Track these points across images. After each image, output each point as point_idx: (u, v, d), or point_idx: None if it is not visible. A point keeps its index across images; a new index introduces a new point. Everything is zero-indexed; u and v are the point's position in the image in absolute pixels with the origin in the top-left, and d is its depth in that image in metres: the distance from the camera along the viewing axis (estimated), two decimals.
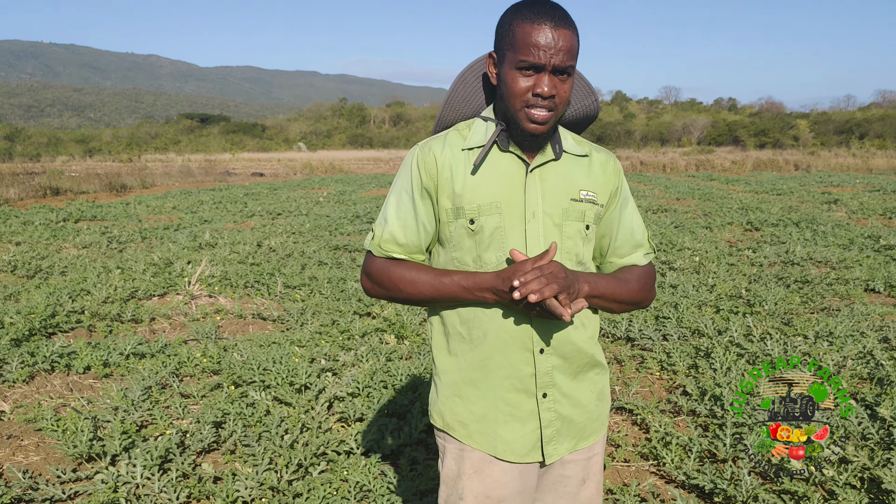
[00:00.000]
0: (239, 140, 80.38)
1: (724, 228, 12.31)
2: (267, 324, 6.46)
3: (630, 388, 4.62)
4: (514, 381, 1.78)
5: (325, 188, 23.80)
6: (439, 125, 1.94)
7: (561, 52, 1.60)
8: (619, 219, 1.89)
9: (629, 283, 1.85)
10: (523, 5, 1.65)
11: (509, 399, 1.79)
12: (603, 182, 1.84)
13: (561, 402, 1.82)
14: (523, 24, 1.61)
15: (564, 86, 1.65)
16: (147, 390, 4.59)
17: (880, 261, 8.77)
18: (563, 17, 1.62)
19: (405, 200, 1.78)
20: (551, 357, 1.78)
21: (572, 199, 1.78)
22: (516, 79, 1.64)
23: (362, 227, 12.72)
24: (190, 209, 16.37)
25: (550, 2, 1.64)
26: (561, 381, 1.81)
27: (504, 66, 1.66)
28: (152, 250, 9.95)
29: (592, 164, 1.84)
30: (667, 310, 6.33)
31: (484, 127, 1.79)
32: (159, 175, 28.96)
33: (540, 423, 1.81)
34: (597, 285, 1.75)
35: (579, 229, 1.79)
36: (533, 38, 1.59)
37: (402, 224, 1.78)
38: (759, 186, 21.83)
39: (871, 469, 3.28)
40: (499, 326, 1.75)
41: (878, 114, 70.26)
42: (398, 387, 4.59)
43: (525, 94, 1.64)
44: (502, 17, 1.69)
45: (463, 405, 1.82)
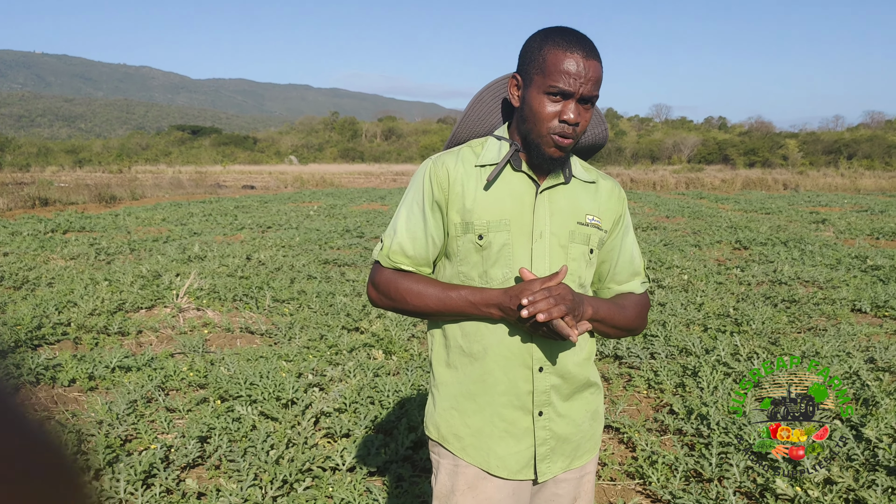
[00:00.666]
0: (230, 152, 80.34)
1: (713, 247, 12.37)
2: (255, 338, 6.44)
3: (617, 406, 4.63)
4: (512, 397, 1.79)
5: (315, 202, 23.79)
6: (452, 141, 1.97)
7: (590, 81, 1.64)
8: (620, 246, 1.93)
9: (626, 309, 1.89)
10: (554, 32, 1.68)
11: (505, 415, 1.80)
12: (608, 209, 1.88)
13: (556, 421, 1.83)
14: (556, 50, 1.64)
15: (587, 114, 1.69)
16: (132, 404, 4.56)
17: (867, 281, 8.82)
18: (592, 48, 1.66)
19: (416, 212, 1.80)
20: (550, 376, 1.79)
21: (579, 222, 1.81)
22: (544, 103, 1.66)
23: (352, 242, 12.71)
24: (180, 221, 16.33)
25: (580, 32, 1.69)
26: (557, 399, 1.82)
27: (531, 90, 1.69)
28: (141, 262, 9.92)
29: (599, 190, 1.88)
30: (655, 328, 6.35)
31: (497, 146, 1.82)
32: (149, 186, 28.88)
33: (534, 441, 1.82)
34: (598, 309, 1.78)
35: (584, 252, 1.82)
36: (564, 66, 1.63)
37: (412, 236, 1.80)
38: (748, 205, 21.95)
39: (857, 490, 3.29)
40: (500, 342, 1.76)
41: (867, 134, 70.87)
42: (385, 403, 4.57)
43: (552, 120, 1.67)
44: (530, 42, 1.72)
45: (460, 418, 1.83)
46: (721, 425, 4.13)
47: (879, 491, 3.22)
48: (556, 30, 1.69)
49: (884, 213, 18.76)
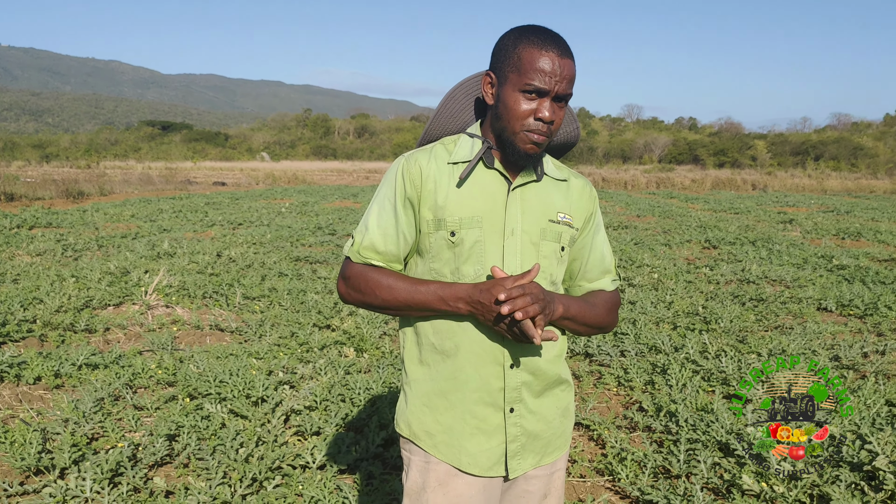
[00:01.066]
0: (201, 148, 79.48)
1: (682, 246, 12.49)
2: (225, 335, 6.39)
3: (587, 403, 4.66)
4: (484, 394, 1.79)
5: (287, 199, 23.64)
6: (425, 138, 1.97)
7: (565, 80, 1.65)
8: (591, 244, 1.94)
9: (597, 307, 1.91)
10: (529, 30, 1.68)
11: (477, 412, 1.80)
12: (579, 207, 1.89)
13: (527, 418, 1.84)
14: (531, 48, 1.65)
15: (561, 112, 1.70)
16: (99, 402, 4.50)
17: (832, 280, 8.96)
18: (566, 47, 1.68)
19: (387, 209, 1.80)
20: (521, 373, 1.80)
21: (550, 220, 1.82)
22: (519, 101, 1.67)
23: (324, 239, 12.65)
24: (149, 217, 16.15)
25: (554, 31, 1.69)
26: (528, 396, 1.83)
27: (506, 88, 1.69)
28: (109, 259, 9.80)
29: (570, 188, 1.89)
30: (625, 326, 6.40)
31: (470, 143, 1.82)
32: (118, 182, 28.53)
33: (505, 438, 1.82)
34: (569, 308, 1.80)
35: (555, 250, 1.83)
36: (540, 64, 1.63)
37: (383, 232, 1.80)
38: (717, 205, 22.20)
39: (821, 486, 3.34)
40: (472, 339, 1.77)
41: (833, 136, 71.94)
42: (356, 400, 4.56)
43: (527, 118, 1.67)
44: (504, 40, 1.72)
45: (431, 415, 1.83)
46: (689, 422, 4.17)
47: (843, 486, 3.27)
48: (530, 28, 1.69)
49: (849, 214, 19.08)
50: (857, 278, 9.04)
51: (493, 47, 1.75)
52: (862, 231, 14.39)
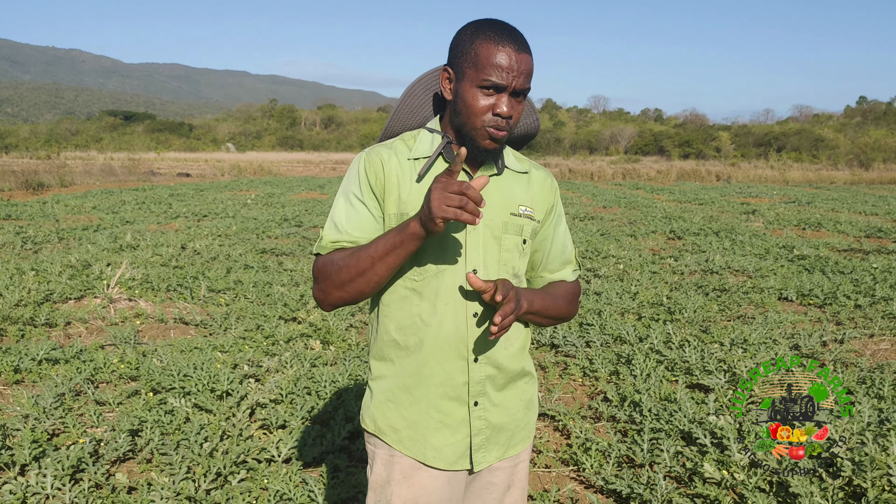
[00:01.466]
0: (165, 139, 78.39)
1: (648, 237, 12.61)
2: (189, 328, 6.32)
3: (553, 394, 4.69)
4: (448, 388, 1.80)
5: (253, 190, 23.44)
6: (385, 134, 1.95)
7: (522, 75, 1.65)
8: (552, 235, 1.95)
9: (559, 299, 1.93)
10: (485, 25, 1.68)
11: (441, 406, 1.81)
12: (541, 199, 1.90)
13: (491, 411, 1.85)
14: (488, 44, 1.64)
15: (520, 107, 1.70)
16: (60, 397, 4.43)
17: (793, 270, 9.11)
18: (524, 41, 1.67)
19: (354, 203, 1.77)
20: (485, 366, 1.81)
21: (512, 213, 1.82)
22: (477, 97, 1.66)
23: (290, 231, 12.56)
24: (111, 209, 15.91)
25: (511, 25, 1.69)
26: (492, 390, 1.84)
27: (463, 84, 1.69)
28: (70, 251, 9.63)
29: (531, 181, 1.90)
30: (591, 317, 6.45)
31: (430, 138, 1.81)
32: (79, 173, 28.02)
33: (470, 431, 1.83)
34: (533, 302, 1.81)
35: (517, 243, 1.83)
36: (497, 60, 1.63)
37: (351, 224, 1.76)
38: (682, 196, 22.45)
39: (780, 473, 3.40)
40: (435, 334, 1.76)
41: (795, 128, 73.03)
42: (322, 393, 4.54)
43: (485, 113, 1.67)
44: (461, 35, 1.71)
45: (396, 410, 1.83)
46: (653, 412, 4.22)
47: (802, 473, 3.34)
48: (486, 22, 1.69)
49: (810, 205, 19.41)
50: (817, 268, 9.20)
51: (451, 42, 1.74)
52: (822, 221, 14.64)
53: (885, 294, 7.41)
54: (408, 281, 1.77)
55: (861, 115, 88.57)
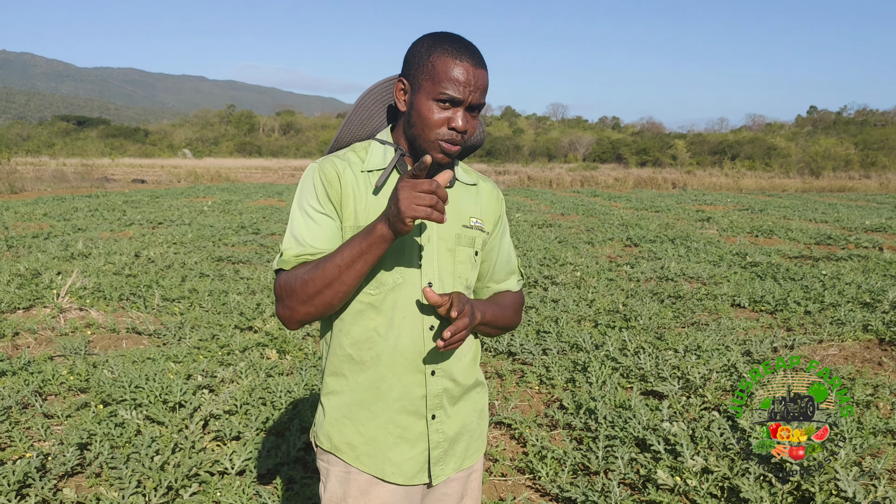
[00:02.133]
0: (119, 145, 76.97)
1: (605, 244, 12.74)
2: (142, 338, 6.21)
3: (509, 402, 4.70)
4: (406, 402, 1.79)
5: (210, 197, 23.14)
6: (335, 145, 1.93)
7: (479, 90, 1.66)
8: (499, 246, 1.97)
9: (507, 309, 1.95)
10: (443, 38, 1.67)
11: (400, 421, 1.80)
12: (489, 210, 1.91)
13: (447, 423, 1.85)
14: (445, 57, 1.64)
15: (474, 122, 1.71)
16: (6, 410, 4.32)
17: (746, 277, 9.28)
18: (480, 56, 1.68)
19: (312, 215, 1.72)
20: (442, 379, 1.81)
21: (464, 225, 1.82)
22: (433, 110, 1.66)
23: (248, 238, 12.43)
24: (63, 216, 15.58)
25: (467, 40, 1.69)
26: (448, 402, 1.85)
27: (419, 96, 1.67)
28: (19, 260, 9.40)
29: (480, 192, 1.91)
30: (547, 324, 6.49)
31: (382, 150, 1.79)
32: (30, 180, 27.40)
33: (429, 445, 1.83)
34: (485, 314, 1.82)
35: (470, 255, 1.84)
36: (454, 74, 1.63)
37: (312, 237, 1.71)
38: (639, 203, 22.73)
39: (731, 478, 3.45)
40: (392, 348, 1.75)
41: (749, 136, 74.39)
42: (277, 404, 4.50)
43: (440, 127, 1.67)
44: (418, 47, 1.69)
45: (353, 426, 1.81)
46: (608, 419, 4.25)
47: (752, 479, 3.39)
48: (443, 36, 1.69)
49: (763, 212, 19.78)
50: (768, 275, 9.38)
51: (406, 53, 1.73)
52: (774, 229, 14.94)
53: (834, 300, 7.57)
54: (364, 295, 1.75)
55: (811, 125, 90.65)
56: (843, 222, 16.57)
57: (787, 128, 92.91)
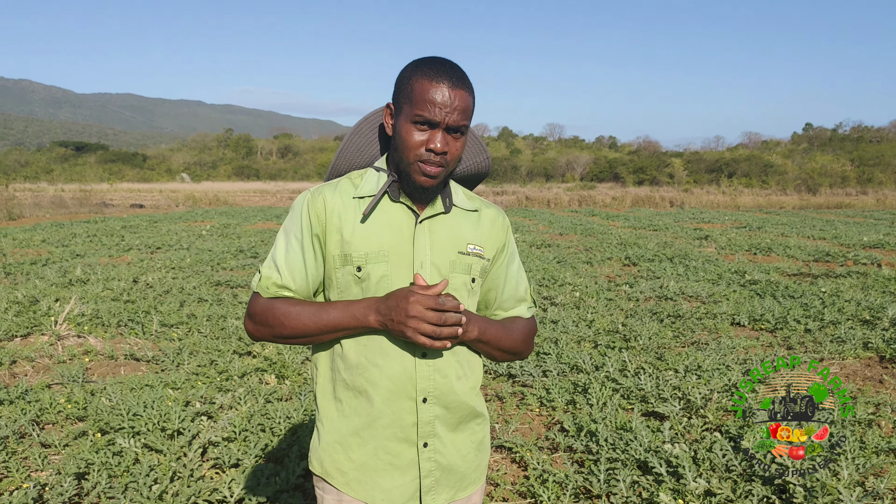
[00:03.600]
0: (117, 170, 77.14)
1: (603, 263, 12.73)
2: (140, 365, 6.19)
3: (510, 425, 4.67)
4: (396, 429, 1.78)
5: (208, 221, 23.17)
6: (332, 173, 1.95)
7: (456, 111, 1.66)
8: (505, 274, 1.95)
9: (514, 332, 1.92)
10: (424, 62, 1.70)
11: (390, 448, 1.79)
12: (491, 237, 1.90)
13: (441, 452, 1.83)
14: (422, 80, 1.66)
15: (457, 143, 1.71)
16: (3, 440, 4.28)
17: (745, 295, 9.27)
18: (461, 77, 1.69)
19: (294, 245, 1.77)
20: (434, 407, 1.79)
21: (460, 251, 1.82)
22: (411, 132, 1.68)
23: (246, 262, 12.43)
24: (61, 242, 15.57)
25: (450, 62, 1.71)
26: (442, 430, 1.82)
27: (400, 119, 1.71)
28: (16, 287, 9.38)
29: (482, 219, 1.90)
30: (547, 345, 6.47)
31: (376, 177, 1.81)
32: (28, 206, 27.44)
33: (419, 473, 1.81)
34: (486, 331, 1.81)
35: (465, 282, 1.83)
36: (430, 95, 1.65)
37: (290, 268, 1.77)
38: (637, 222, 22.76)
39: (734, 501, 3.42)
40: (383, 374, 1.75)
41: (745, 154, 74.65)
42: (276, 430, 4.47)
43: (419, 148, 1.68)
44: (402, 72, 1.73)
45: (343, 453, 1.81)
46: (609, 441, 4.23)
47: (755, 501, 3.36)
48: (426, 60, 1.71)
49: (761, 230, 19.82)
50: (768, 293, 9.37)
51: (396, 79, 1.76)
52: (772, 246, 14.95)
53: (834, 318, 7.56)
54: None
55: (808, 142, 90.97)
56: (841, 239, 16.58)
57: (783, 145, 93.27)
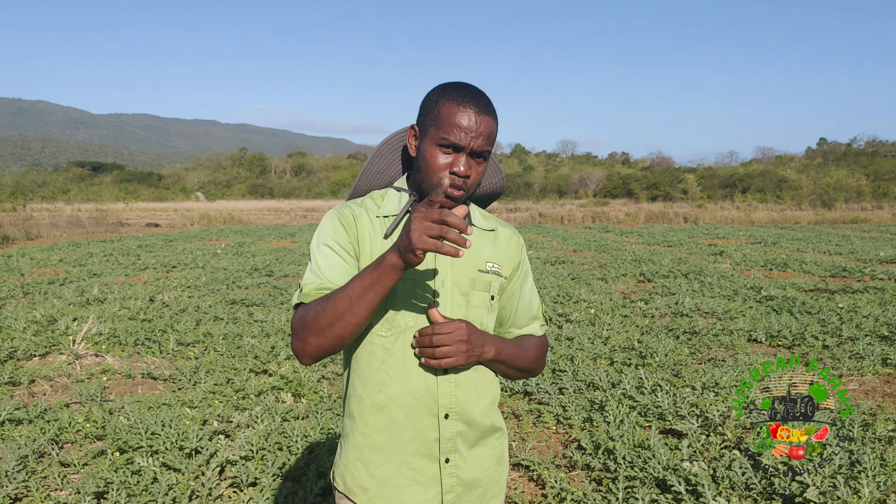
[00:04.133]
0: (133, 189, 77.82)
1: (618, 280, 12.70)
2: (157, 384, 6.22)
3: (527, 443, 4.66)
4: (419, 445, 1.79)
5: (223, 239, 23.29)
6: (354, 194, 1.98)
7: (481, 136, 1.69)
8: (519, 292, 1.97)
9: (528, 351, 1.94)
10: (451, 87, 1.73)
11: (412, 463, 1.79)
12: (507, 256, 1.92)
13: (462, 468, 1.84)
14: (449, 104, 1.69)
15: (479, 168, 1.73)
16: (23, 459, 4.31)
17: (762, 311, 9.21)
18: (486, 104, 1.71)
19: (329, 252, 1.74)
20: (456, 423, 1.80)
21: (479, 270, 1.84)
22: (436, 155, 1.70)
23: (261, 281, 12.48)
24: (78, 262, 15.70)
25: (476, 88, 1.74)
26: (463, 446, 1.83)
27: (425, 141, 1.73)
28: (35, 307, 9.46)
29: (498, 238, 1.92)
30: (563, 363, 6.45)
31: (397, 197, 1.84)
32: (46, 226, 27.71)
33: (441, 489, 1.82)
34: (501, 351, 1.83)
35: (485, 299, 1.85)
36: (457, 119, 1.67)
37: (330, 269, 1.72)
38: (651, 238, 22.69)
39: None
40: (404, 390, 1.76)
41: (759, 169, 74.41)
42: (294, 448, 4.47)
43: (443, 171, 1.70)
44: (429, 95, 1.76)
45: (365, 469, 1.81)
46: (627, 459, 4.21)
47: None
48: (453, 85, 1.74)
49: (776, 245, 19.71)
50: (784, 309, 9.31)
51: (421, 102, 1.79)
52: (788, 262, 14.86)
53: (852, 334, 7.50)
54: (376, 337, 1.77)
55: (822, 156, 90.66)
56: (858, 254, 16.47)
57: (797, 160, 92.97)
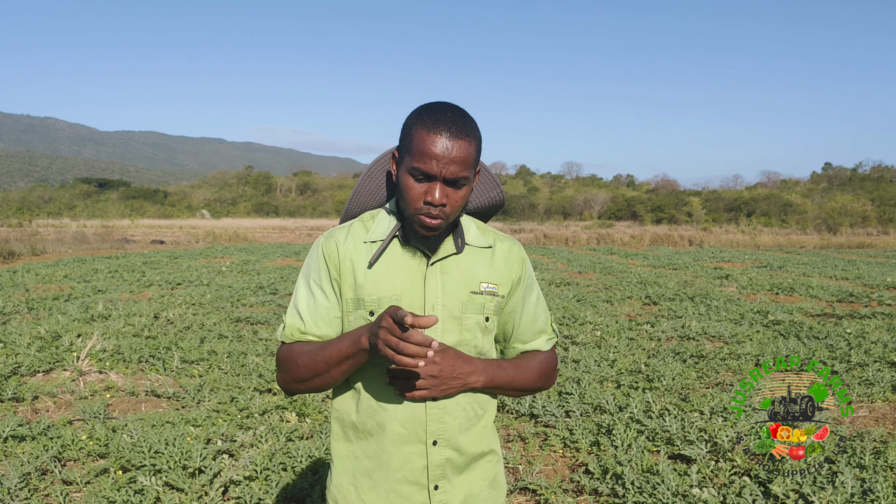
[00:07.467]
0: (139, 206, 78.10)
1: (623, 302, 12.64)
2: (161, 401, 6.18)
3: (534, 467, 4.61)
4: (407, 472, 1.77)
5: (228, 257, 23.31)
6: (346, 215, 1.95)
7: (454, 163, 1.61)
8: (522, 306, 1.92)
9: (529, 370, 1.89)
10: (425, 110, 1.66)
11: (401, 491, 1.77)
12: (505, 272, 1.87)
13: (452, 494, 1.81)
14: (421, 130, 1.62)
15: (458, 193, 1.67)
16: (25, 477, 4.28)
17: (769, 336, 9.15)
18: (461, 127, 1.63)
19: (314, 291, 1.79)
20: (444, 449, 1.78)
21: (472, 291, 1.80)
22: (410, 184, 1.65)
23: (266, 299, 12.46)
24: (83, 278, 15.70)
25: (452, 109, 1.66)
26: (452, 473, 1.81)
27: (401, 169, 1.69)
28: (39, 322, 9.44)
29: (495, 254, 1.87)
30: (570, 385, 6.40)
31: (387, 220, 1.81)
32: (51, 241, 27.76)
33: None
34: (495, 377, 1.80)
35: (478, 321, 1.81)
36: (427, 147, 1.60)
37: (312, 314, 1.78)
38: (656, 261, 22.64)
39: None
40: (393, 418, 1.74)
41: (764, 193, 74.41)
42: (298, 469, 4.43)
43: (418, 201, 1.65)
44: (407, 119, 1.70)
45: (355, 494, 1.80)
46: (635, 485, 4.15)
47: None
48: (428, 108, 1.67)
49: (782, 269, 19.64)
50: (792, 333, 9.25)
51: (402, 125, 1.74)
52: (795, 286, 14.80)
53: (861, 360, 7.44)
54: (367, 365, 1.75)
55: (827, 181, 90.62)
56: (864, 279, 16.40)
57: (802, 184, 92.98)
